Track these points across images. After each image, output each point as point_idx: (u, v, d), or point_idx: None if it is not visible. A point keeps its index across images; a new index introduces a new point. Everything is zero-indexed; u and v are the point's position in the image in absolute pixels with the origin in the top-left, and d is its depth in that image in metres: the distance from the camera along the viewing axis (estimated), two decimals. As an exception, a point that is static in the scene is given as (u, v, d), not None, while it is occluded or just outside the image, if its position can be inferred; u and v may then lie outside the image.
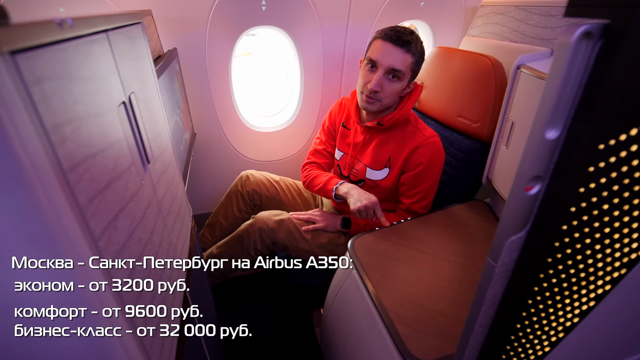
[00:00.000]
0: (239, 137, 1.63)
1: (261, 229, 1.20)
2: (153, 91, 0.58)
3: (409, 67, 1.04)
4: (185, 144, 1.14)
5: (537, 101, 0.65)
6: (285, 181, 1.44)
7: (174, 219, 0.60)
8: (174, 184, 0.66)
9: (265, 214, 1.24)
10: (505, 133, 1.07)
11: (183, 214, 0.71)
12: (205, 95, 1.43)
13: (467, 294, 0.87)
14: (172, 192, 0.63)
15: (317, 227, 1.23)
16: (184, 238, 0.72)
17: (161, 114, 0.63)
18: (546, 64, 1.00)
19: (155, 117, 0.57)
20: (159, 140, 0.56)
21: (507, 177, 1.08)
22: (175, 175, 0.69)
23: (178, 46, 1.24)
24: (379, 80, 1.05)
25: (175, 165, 0.72)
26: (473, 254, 1.00)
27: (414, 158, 1.12)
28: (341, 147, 1.30)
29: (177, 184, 0.70)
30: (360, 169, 1.22)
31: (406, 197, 1.18)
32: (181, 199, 0.72)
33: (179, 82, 1.18)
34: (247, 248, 1.21)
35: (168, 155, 0.65)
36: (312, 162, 1.35)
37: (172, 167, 0.66)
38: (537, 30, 1.19)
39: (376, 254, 0.98)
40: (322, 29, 1.44)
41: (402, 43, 1.01)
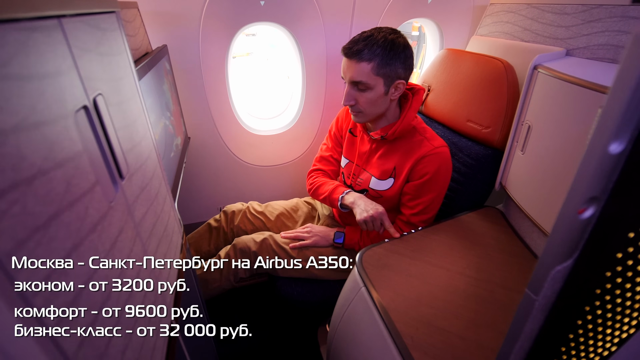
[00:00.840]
0: (237, 141, 1.55)
1: (243, 251, 1.14)
2: (132, 92, 0.50)
3: (370, 75, 0.97)
4: (176, 150, 1.06)
5: (557, 103, 0.56)
6: (272, 207, 1.36)
7: (158, 241, 0.52)
8: (159, 199, 0.57)
9: (246, 236, 1.18)
10: (521, 137, 1.00)
11: (170, 232, 0.63)
12: (199, 96, 1.35)
13: (485, 314, 0.79)
14: (156, 209, 0.55)
15: (305, 244, 1.17)
16: (172, 257, 0.64)
17: (143, 119, 0.55)
18: (565, 64, 0.93)
19: (134, 122, 0.49)
20: (138, 149, 0.48)
21: (522, 184, 1.00)
22: (161, 188, 0.61)
23: (168, 43, 1.16)
24: (348, 94, 1.02)
25: (162, 177, 0.64)
26: (489, 267, 0.92)
27: (419, 167, 1.04)
28: (347, 154, 1.24)
29: (163, 198, 0.62)
30: (365, 178, 1.16)
31: (407, 207, 1.11)
32: (168, 214, 0.64)
33: (170, 82, 1.10)
34: (226, 275, 1.15)
35: (151, 166, 0.57)
36: (318, 169, 1.29)
37: (156, 180, 0.58)
38: (551, 29, 1.11)
39: (386, 269, 0.91)
40: (325, 26, 1.36)
41: (352, 54, 0.96)
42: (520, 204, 1.01)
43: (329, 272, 1.18)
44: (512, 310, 0.81)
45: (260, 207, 1.35)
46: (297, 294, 1.15)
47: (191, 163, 1.50)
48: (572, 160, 0.81)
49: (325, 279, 1.18)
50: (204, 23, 1.21)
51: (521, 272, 0.91)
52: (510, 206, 1.14)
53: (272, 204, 1.37)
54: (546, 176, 0.90)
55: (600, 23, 0.96)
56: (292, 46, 1.45)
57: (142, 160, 0.53)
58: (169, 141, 0.96)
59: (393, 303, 0.81)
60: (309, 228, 1.20)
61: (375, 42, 0.95)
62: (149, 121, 0.62)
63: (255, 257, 1.14)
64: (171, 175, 0.96)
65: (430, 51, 1.66)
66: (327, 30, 1.37)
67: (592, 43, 0.98)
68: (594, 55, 0.98)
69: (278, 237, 1.19)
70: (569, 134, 0.82)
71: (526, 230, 1.03)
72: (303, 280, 1.18)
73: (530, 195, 0.97)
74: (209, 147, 1.50)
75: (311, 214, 1.37)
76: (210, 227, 1.31)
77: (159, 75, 0.95)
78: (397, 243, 1.00)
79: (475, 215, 1.14)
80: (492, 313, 0.79)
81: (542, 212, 0.92)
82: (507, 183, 1.09)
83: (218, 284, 1.16)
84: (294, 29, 1.36)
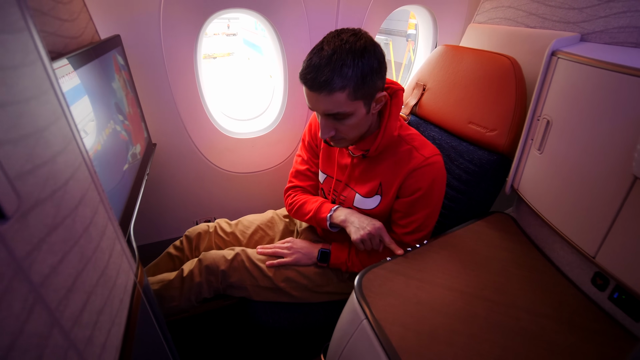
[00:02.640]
0: (212, 146, 1.37)
1: (209, 268, 0.97)
2: (40, 89, 0.33)
3: (347, 103, 0.78)
4: (133, 161, 0.88)
5: (584, 93, 0.43)
6: (243, 225, 1.17)
7: (87, 296, 0.36)
8: (91, 233, 0.41)
9: (215, 252, 1.01)
10: (538, 135, 0.87)
11: (111, 285, 0.46)
12: (164, 96, 1.17)
13: (516, 349, 0.65)
14: (85, 250, 0.38)
15: (284, 262, 1.00)
16: (115, 318, 0.47)
17: (62, 125, 0.39)
18: (584, 50, 0.81)
19: (38, 132, 0.32)
20: (48, 169, 0.32)
21: (541, 187, 0.88)
22: (96, 216, 0.44)
23: (123, 33, 0.97)
24: (325, 127, 0.83)
25: (100, 199, 0.47)
26: (509, 288, 0.79)
27: (410, 182, 0.89)
28: (324, 168, 1.05)
29: (101, 228, 0.45)
30: (348, 195, 0.99)
31: (398, 226, 0.96)
32: (109, 250, 0.47)
33: (124, 79, 0.91)
34: (186, 293, 0.97)
35: (79, 189, 0.40)
36: (294, 186, 1.11)
37: (87, 206, 0.41)
38: (561, 13, 1.00)
39: (392, 296, 0.76)
40: (309, 14, 1.21)
41: (320, 87, 0.75)
42: (538, 209, 0.88)
43: (311, 294, 1.02)
44: (545, 343, 0.68)
45: (229, 226, 1.16)
46: (273, 320, 0.99)
47: (158, 173, 1.31)
48: (605, 158, 0.68)
49: (306, 302, 1.03)
50: (165, 9, 1.02)
51: (546, 292, 0.78)
52: (522, 211, 1.01)
53: (243, 221, 1.18)
54: (571, 178, 0.77)
55: (621, 2, 0.84)
56: (271, 38, 1.29)
57: (57, 183, 0.36)
58: (120, 151, 0.78)
59: (403, 341, 0.66)
60: (290, 243, 1.04)
61: (343, 63, 0.74)
62: (75, 128, 0.45)
63: (225, 277, 0.98)
64: (125, 192, 0.78)
65: (422, 43, 1.52)
66: (310, 19, 1.22)
67: (611, 26, 0.86)
68: (613, 39, 0.86)
69: (253, 252, 1.03)
70: (600, 128, 0.69)
71: (545, 240, 0.91)
72: (280, 305, 1.02)
73: (551, 201, 0.84)
74: (179, 153, 1.31)
75: (289, 229, 1.21)
76: (170, 256, 1.11)
77: (106, 70, 0.77)
78: (401, 262, 0.86)
79: (485, 224, 1.01)
80: (523, 348, 0.65)
81: (567, 220, 0.79)
82: (520, 186, 0.97)
83: (176, 303, 0.96)
84: (273, 17, 1.19)
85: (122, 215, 0.75)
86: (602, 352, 0.65)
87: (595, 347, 0.66)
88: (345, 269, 1.00)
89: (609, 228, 0.67)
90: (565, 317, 0.72)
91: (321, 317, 1.02)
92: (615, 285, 0.71)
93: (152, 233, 1.45)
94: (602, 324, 0.70)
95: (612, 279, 0.72)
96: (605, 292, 0.74)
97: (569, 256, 0.83)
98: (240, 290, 1.00)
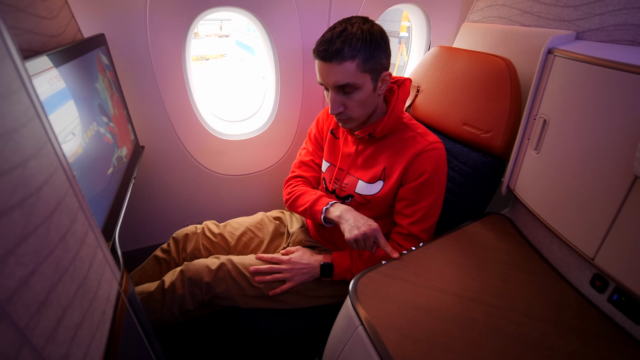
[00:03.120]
0: (203, 148, 1.34)
1: (192, 280, 0.94)
2: (9, 89, 0.30)
3: (356, 74, 0.83)
4: (119, 164, 0.85)
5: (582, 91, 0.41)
6: (232, 227, 1.14)
7: (62, 311, 0.33)
8: (68, 242, 0.38)
9: (199, 262, 0.97)
10: (535, 134, 0.86)
11: (91, 297, 0.43)
12: (152, 97, 1.14)
13: (516, 355, 0.63)
14: (60, 260, 0.35)
15: (287, 288, 0.96)
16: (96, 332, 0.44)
17: (36, 127, 0.36)
18: (580, 48, 0.80)
19: (7, 135, 0.29)
20: (18, 174, 0.29)
21: (538, 188, 0.86)
22: (75, 224, 0.41)
23: (107, 32, 0.94)
24: (334, 101, 0.87)
25: (80, 205, 0.44)
26: (507, 291, 0.77)
27: (415, 166, 0.90)
28: (328, 157, 1.07)
29: (80, 237, 0.42)
30: (350, 182, 1.00)
31: (403, 216, 0.94)
32: (90, 260, 0.44)
33: (109, 80, 0.88)
34: (168, 305, 0.93)
35: (54, 195, 0.37)
36: (297, 175, 1.10)
37: (64, 213, 0.39)
38: (556, 10, 0.99)
39: (388, 301, 0.74)
40: (300, 12, 1.18)
41: (331, 56, 0.81)
42: (535, 210, 0.87)
43: (302, 299, 0.99)
44: (546, 349, 0.66)
45: (217, 227, 1.13)
46: (263, 327, 0.96)
47: (146, 176, 1.28)
48: (604, 157, 0.67)
49: (296, 308, 1.00)
50: (152, 8, 0.99)
51: (545, 296, 0.76)
52: (518, 212, 1.00)
53: (232, 223, 1.15)
54: (569, 178, 0.75)
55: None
56: (262, 37, 1.26)
57: (28, 190, 0.33)
58: (104, 154, 0.75)
59: (400, 348, 0.64)
60: (290, 265, 0.98)
61: (353, 36, 0.81)
62: (51, 130, 0.42)
63: (209, 289, 0.94)
64: (109, 196, 0.75)
65: (416, 43, 1.51)
66: (302, 18, 1.19)
67: (606, 23, 0.85)
68: (609, 37, 0.85)
69: (238, 259, 0.99)
70: (599, 127, 0.68)
71: (542, 241, 0.89)
72: (269, 311, 0.99)
73: (548, 201, 0.83)
74: (169, 156, 1.28)
75: (279, 231, 1.18)
76: (157, 259, 1.07)
77: (89, 70, 0.73)
78: (397, 265, 0.83)
79: (481, 225, 0.99)
80: (524, 354, 0.64)
81: (565, 221, 0.78)
82: (516, 187, 0.95)
83: (158, 315, 0.93)
84: (263, 15, 1.17)
85: (106, 221, 0.71)
86: (604, 357, 0.63)
87: (596, 352, 0.64)
88: (350, 276, 0.96)
89: (608, 229, 0.66)
90: (565, 320, 0.70)
91: (313, 323, 0.99)
92: (615, 287, 0.70)
93: (141, 238, 1.41)
94: (602, 327, 0.69)
95: (611, 280, 0.71)
96: (604, 294, 0.72)
97: (567, 258, 0.82)
98: (226, 300, 0.96)
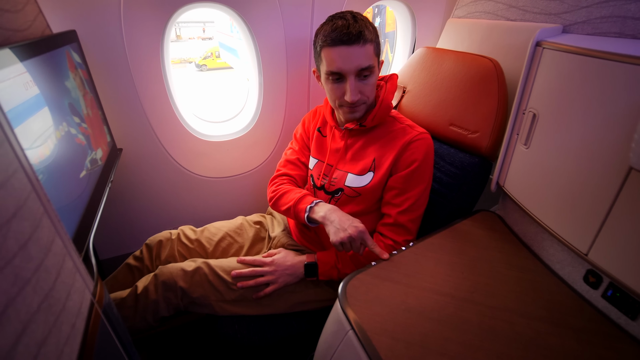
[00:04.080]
0: (184, 150, 1.29)
1: (166, 284, 0.89)
2: None
3: (373, 57, 0.88)
4: (93, 167, 0.80)
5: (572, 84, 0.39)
6: (209, 232, 1.09)
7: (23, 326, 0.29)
8: (26, 255, 0.34)
9: (173, 265, 0.93)
10: (524, 129, 0.84)
11: (58, 310, 0.39)
12: (129, 97, 1.08)
13: (512, 356, 0.61)
14: (17, 277, 0.31)
15: (271, 290, 0.93)
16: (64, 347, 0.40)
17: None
18: (569, 40, 0.79)
19: None
20: None
21: (528, 183, 0.85)
22: (37, 234, 0.37)
23: (79, 29, 0.89)
24: (356, 87, 0.88)
25: (44, 211, 0.40)
26: (500, 290, 0.75)
27: (406, 155, 0.91)
28: (316, 154, 1.06)
29: (45, 246, 0.38)
30: (339, 176, 0.98)
31: (392, 205, 0.93)
32: (54, 274, 0.40)
33: (81, 78, 0.83)
34: (141, 312, 0.88)
35: (11, 203, 0.33)
36: (282, 174, 1.08)
37: (24, 223, 0.35)
38: (542, 4, 0.98)
39: (378, 304, 0.71)
40: (282, 9, 1.15)
41: (355, 38, 0.83)
42: (526, 206, 0.85)
43: (283, 304, 0.95)
44: (541, 348, 0.64)
45: (194, 233, 1.08)
46: (242, 335, 0.92)
47: (125, 180, 1.22)
48: (596, 150, 0.65)
49: (277, 313, 0.96)
50: (127, 3, 0.94)
51: (539, 293, 0.75)
52: (509, 209, 0.99)
53: (209, 228, 1.11)
54: (561, 173, 0.74)
55: (602, -8, 0.83)
56: (244, 35, 1.22)
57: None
58: (76, 156, 0.70)
59: (392, 353, 0.61)
60: (274, 267, 0.95)
61: (365, 22, 0.86)
62: (9, 127, 0.37)
63: (185, 294, 0.90)
64: (82, 201, 0.70)
65: (401, 40, 1.49)
66: (284, 14, 1.16)
67: (593, 16, 0.84)
68: (596, 30, 0.85)
69: (216, 262, 0.95)
70: (591, 119, 0.66)
71: (533, 237, 0.88)
72: (249, 318, 0.94)
73: (539, 197, 0.81)
74: (148, 159, 1.23)
75: (259, 235, 1.14)
76: (129, 268, 1.02)
77: (58, 67, 0.69)
78: (387, 266, 0.81)
79: (471, 223, 0.97)
80: (519, 355, 0.61)
81: (557, 217, 0.76)
82: (506, 183, 0.94)
83: (130, 323, 0.88)
84: (245, 12, 1.13)
85: (78, 227, 0.67)
86: (600, 354, 0.61)
87: (592, 350, 0.62)
88: (336, 274, 0.93)
89: (602, 223, 0.64)
90: (559, 318, 0.68)
91: (294, 330, 0.95)
92: (609, 282, 0.69)
93: (120, 245, 1.35)
94: (597, 323, 0.67)
95: (605, 276, 0.69)
96: (598, 290, 0.71)
97: (559, 254, 0.80)
98: (203, 307, 0.92)
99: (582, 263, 0.74)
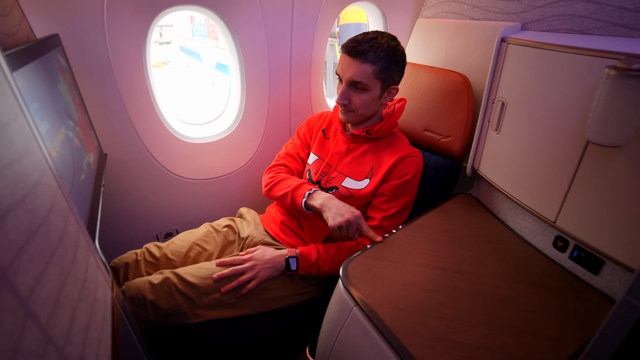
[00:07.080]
0: (168, 153, 1.29)
1: (134, 300, 0.86)
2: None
3: (370, 77, 0.95)
4: (89, 170, 0.80)
5: (534, 74, 0.45)
6: (175, 245, 1.05)
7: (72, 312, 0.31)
8: (65, 244, 0.36)
9: (140, 280, 0.90)
10: (494, 116, 0.94)
11: (92, 300, 0.41)
12: (113, 101, 1.08)
13: (499, 314, 0.69)
14: (62, 266, 0.34)
15: (253, 286, 0.93)
16: (102, 335, 0.42)
17: (22, 125, 0.34)
18: (527, 36, 0.89)
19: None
20: (14, 172, 0.28)
21: (500, 165, 0.94)
22: (68, 227, 0.39)
23: (62, 33, 0.88)
24: (344, 93, 0.99)
25: (68, 208, 0.42)
26: (483, 260, 0.84)
27: (401, 167, 1.01)
28: (317, 151, 1.12)
29: (74, 240, 0.40)
30: (336, 176, 1.06)
31: (379, 210, 1.00)
32: (84, 267, 0.42)
33: (68, 83, 0.83)
34: None
35: (47, 197, 0.35)
36: (281, 164, 1.13)
37: (58, 217, 0.37)
38: (502, 4, 1.09)
39: (378, 281, 0.77)
40: (263, 10, 1.19)
41: (357, 54, 0.93)
42: (499, 185, 0.95)
43: (258, 303, 0.95)
44: (523, 305, 0.73)
45: (159, 249, 1.03)
46: (219, 338, 0.90)
47: (111, 186, 1.20)
48: (558, 132, 0.75)
49: (254, 314, 0.95)
50: (109, 6, 0.94)
51: (516, 260, 0.84)
52: (483, 190, 1.08)
53: (175, 240, 1.06)
54: (528, 152, 0.84)
55: (553, -7, 0.94)
56: (225, 36, 1.25)
57: (26, 187, 0.31)
58: (77, 159, 0.70)
59: (396, 321, 0.68)
60: (253, 262, 0.95)
61: (379, 46, 0.93)
62: (35, 128, 0.39)
63: (155, 308, 0.87)
64: (85, 204, 0.70)
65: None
66: (265, 15, 1.20)
67: (547, 15, 0.95)
68: (550, 27, 0.96)
69: (183, 270, 0.93)
70: (552, 106, 0.76)
71: (507, 213, 0.98)
72: (225, 321, 0.93)
73: (511, 176, 0.91)
74: (134, 163, 1.22)
75: (228, 239, 1.12)
76: None
77: (50, 71, 0.69)
78: (382, 248, 0.87)
79: (452, 204, 1.06)
80: (506, 312, 0.70)
81: (527, 191, 0.86)
82: (480, 166, 1.03)
83: None
84: (226, 13, 1.16)
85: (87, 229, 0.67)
86: (571, 305, 0.71)
87: (565, 302, 0.72)
88: (316, 271, 0.96)
89: (566, 192, 0.74)
90: (536, 279, 0.78)
91: (272, 328, 0.95)
92: (574, 245, 0.79)
93: (105, 253, 1.32)
94: (567, 280, 0.77)
95: (571, 239, 0.79)
96: (566, 253, 0.81)
97: (530, 225, 0.91)
98: (177, 317, 0.89)
99: (551, 230, 0.85)
